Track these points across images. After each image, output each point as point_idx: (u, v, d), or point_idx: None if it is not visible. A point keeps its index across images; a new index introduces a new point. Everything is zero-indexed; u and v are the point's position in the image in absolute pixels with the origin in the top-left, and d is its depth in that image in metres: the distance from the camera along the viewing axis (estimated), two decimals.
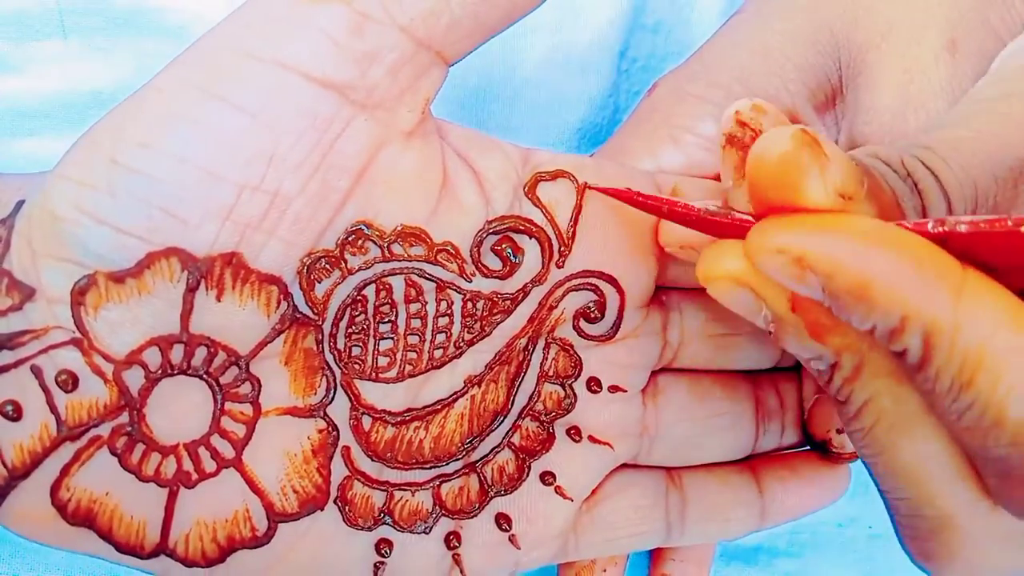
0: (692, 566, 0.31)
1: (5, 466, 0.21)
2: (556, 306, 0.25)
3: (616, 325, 0.26)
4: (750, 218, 0.20)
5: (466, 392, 0.25)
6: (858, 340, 0.19)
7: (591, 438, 0.26)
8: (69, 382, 0.21)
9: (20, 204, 0.22)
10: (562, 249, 0.24)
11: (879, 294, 0.17)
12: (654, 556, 0.32)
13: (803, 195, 0.18)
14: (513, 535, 0.26)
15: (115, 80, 0.29)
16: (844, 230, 0.18)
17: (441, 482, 0.25)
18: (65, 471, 0.21)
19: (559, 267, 0.25)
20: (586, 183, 0.25)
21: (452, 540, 0.25)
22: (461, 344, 0.24)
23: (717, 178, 0.28)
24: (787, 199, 0.18)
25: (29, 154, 0.29)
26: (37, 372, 0.21)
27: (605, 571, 0.29)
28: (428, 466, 0.25)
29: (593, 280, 0.25)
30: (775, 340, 0.21)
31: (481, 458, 0.25)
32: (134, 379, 0.21)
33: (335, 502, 0.24)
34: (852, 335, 0.19)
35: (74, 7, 0.29)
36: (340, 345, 0.23)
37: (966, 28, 0.25)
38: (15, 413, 0.21)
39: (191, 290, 0.21)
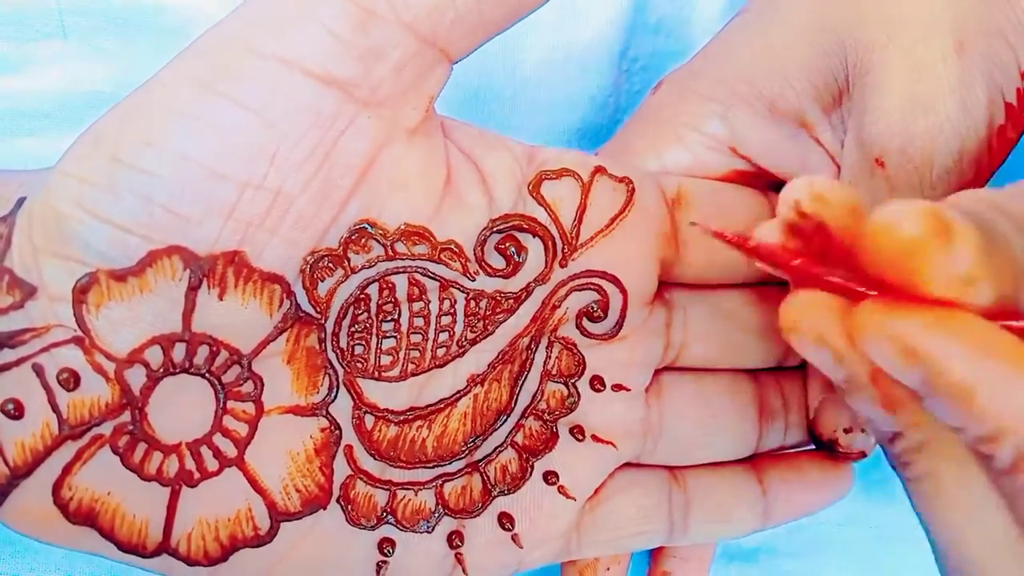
0: (693, 564, 0.31)
1: (7, 464, 0.21)
2: (559, 305, 0.25)
3: (619, 324, 0.26)
4: (858, 287, 0.19)
5: (469, 391, 0.25)
6: (930, 420, 0.19)
7: (594, 437, 0.26)
8: (71, 381, 0.21)
9: (21, 201, 0.22)
10: (566, 249, 0.24)
11: (981, 403, 0.17)
12: (655, 554, 0.32)
13: (926, 285, 0.17)
14: (516, 534, 0.26)
15: (115, 80, 0.29)
16: (960, 331, 0.17)
17: (444, 481, 0.25)
18: (67, 470, 0.21)
19: (563, 266, 0.25)
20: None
21: (455, 539, 0.25)
22: (464, 343, 0.24)
23: (722, 178, 0.28)
24: (906, 283, 0.18)
25: (29, 154, 0.29)
26: (39, 370, 0.21)
27: (608, 570, 0.29)
28: (431, 465, 0.25)
29: (596, 279, 0.25)
30: (843, 395, 0.21)
31: (484, 457, 0.25)
32: (136, 378, 0.21)
33: (338, 501, 0.24)
34: (925, 415, 0.19)
35: (74, 7, 0.29)
36: (343, 344, 0.23)
37: (972, 28, 0.25)
38: (16, 411, 0.21)
39: (193, 289, 0.21)
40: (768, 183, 0.29)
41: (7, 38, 0.29)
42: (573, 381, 0.26)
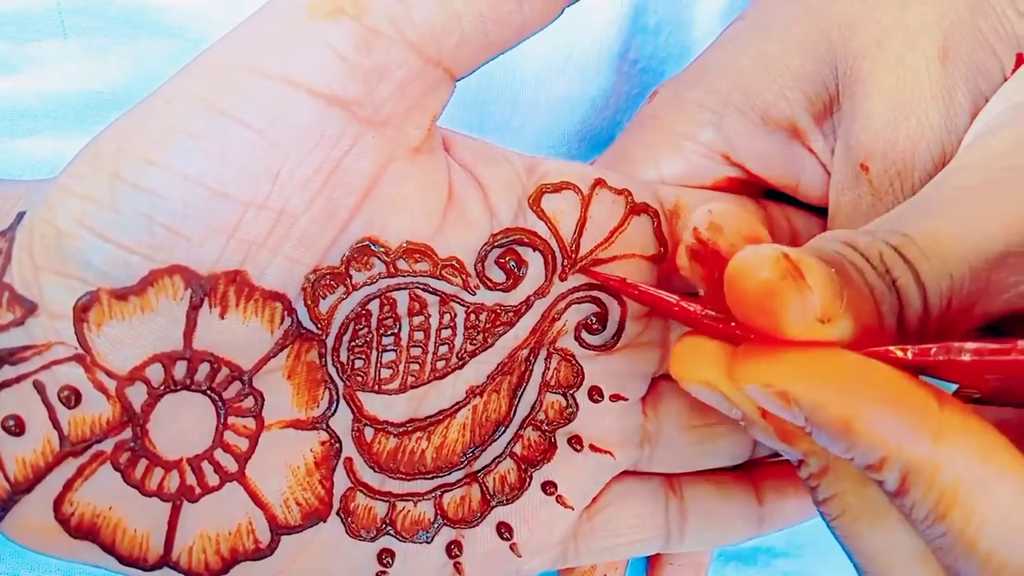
0: (689, 570, 0.32)
1: (8, 480, 0.21)
2: (559, 318, 0.25)
3: (617, 336, 0.26)
4: (723, 320, 0.20)
5: (468, 402, 0.25)
6: (825, 449, 0.20)
7: (592, 447, 0.26)
8: (72, 398, 0.21)
9: (21, 215, 0.22)
10: (566, 263, 0.24)
11: (860, 434, 0.18)
12: (651, 561, 0.32)
13: (783, 326, 0.18)
14: (514, 543, 0.26)
15: (115, 80, 0.29)
16: (828, 370, 0.18)
17: (443, 492, 0.25)
18: (68, 486, 0.21)
19: (562, 279, 0.25)
20: (590, 270, 0.25)
21: (453, 549, 0.25)
22: (464, 355, 0.24)
23: (715, 186, 0.28)
24: (766, 326, 0.19)
25: (29, 154, 0.29)
26: (39, 388, 0.21)
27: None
28: (430, 476, 0.25)
29: (595, 292, 0.25)
30: (745, 431, 0.22)
31: (483, 468, 0.25)
32: (137, 395, 0.21)
33: (338, 513, 0.24)
34: (819, 444, 0.20)
35: (74, 7, 0.29)
36: (343, 358, 0.23)
37: (957, 36, 0.25)
38: (17, 428, 0.21)
39: (194, 308, 0.21)
40: (761, 191, 0.29)
41: (7, 38, 0.28)
42: (571, 392, 0.26)
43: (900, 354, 0.18)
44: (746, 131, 0.28)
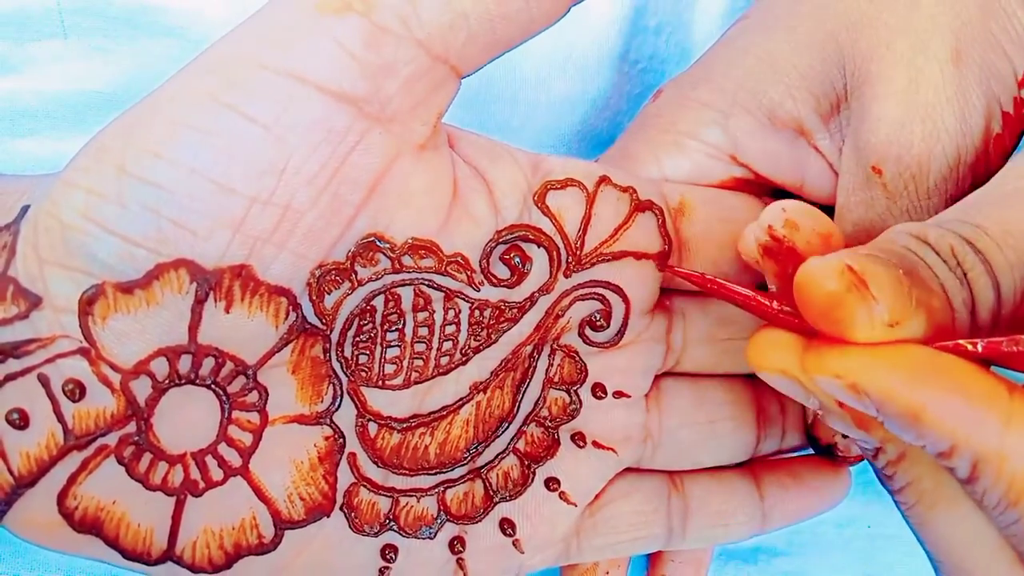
0: (690, 568, 0.32)
1: (12, 474, 0.21)
2: (563, 315, 0.25)
3: (621, 332, 0.26)
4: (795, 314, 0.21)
5: (472, 398, 0.25)
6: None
7: (595, 443, 0.26)
8: (76, 391, 0.21)
9: (25, 209, 0.22)
10: (570, 259, 0.25)
11: (929, 423, 0.18)
12: (653, 558, 0.32)
13: (852, 334, 0.19)
14: (517, 540, 0.26)
15: (115, 80, 0.29)
16: (897, 362, 0.19)
17: (446, 488, 0.25)
18: (72, 480, 0.21)
19: (567, 276, 0.25)
20: (670, 265, 0.26)
21: (456, 545, 0.25)
22: (467, 351, 0.24)
23: (721, 185, 0.29)
24: (836, 333, 0.19)
25: (29, 153, 0.29)
26: (44, 381, 0.21)
27: (608, 573, 0.29)
28: (433, 472, 0.25)
29: (599, 289, 0.25)
30: (823, 419, 0.22)
31: (486, 464, 0.25)
32: (141, 389, 0.21)
33: (341, 508, 0.24)
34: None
35: (74, 7, 0.29)
36: (347, 353, 0.23)
37: (969, 38, 0.25)
38: (22, 421, 0.21)
39: (199, 302, 0.21)
40: (767, 190, 0.29)
41: (7, 38, 0.28)
42: (575, 388, 0.26)
43: (970, 348, 0.19)
44: (752, 130, 0.28)
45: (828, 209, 0.28)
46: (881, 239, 0.21)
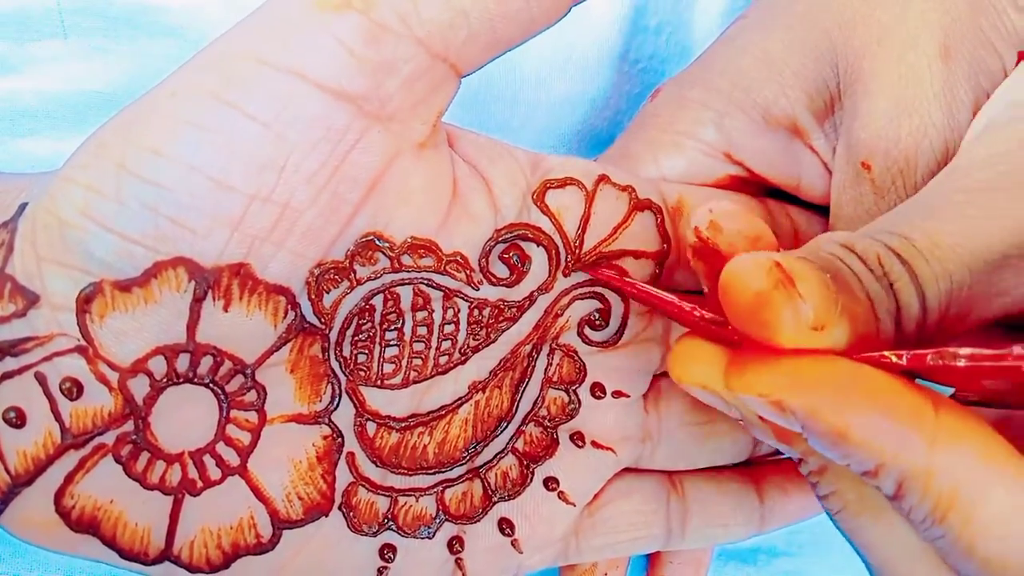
0: (690, 568, 0.32)
1: (8, 472, 0.21)
2: (562, 314, 0.25)
3: (620, 332, 0.26)
4: (720, 321, 0.21)
5: (470, 398, 0.25)
6: None
7: (594, 443, 0.26)
8: (73, 390, 0.21)
9: (23, 207, 0.22)
10: (569, 258, 0.24)
11: (855, 443, 0.18)
12: (652, 559, 0.32)
13: (776, 335, 0.18)
14: (515, 539, 0.26)
15: (115, 80, 0.29)
16: (822, 378, 0.18)
17: (445, 487, 0.25)
18: (69, 479, 0.21)
19: (566, 275, 0.25)
20: (590, 268, 0.25)
21: (455, 545, 0.25)
22: (466, 351, 0.24)
23: (717, 184, 0.29)
24: (760, 334, 0.19)
25: (29, 153, 0.29)
26: (41, 379, 0.21)
27: (607, 574, 0.29)
28: (432, 471, 0.25)
29: (598, 288, 0.25)
30: (744, 428, 0.22)
31: (485, 463, 0.25)
32: (139, 387, 0.21)
33: (340, 508, 0.24)
34: None
35: (74, 6, 0.29)
36: (346, 352, 0.23)
37: (959, 34, 0.25)
38: (18, 420, 0.21)
39: (198, 300, 0.21)
40: (763, 189, 0.29)
41: (7, 38, 0.28)
42: (574, 388, 0.26)
43: (895, 359, 0.19)
44: (747, 130, 0.28)
45: (825, 209, 0.28)
46: (809, 245, 0.21)
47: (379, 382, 0.24)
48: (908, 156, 0.25)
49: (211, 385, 0.22)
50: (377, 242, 0.22)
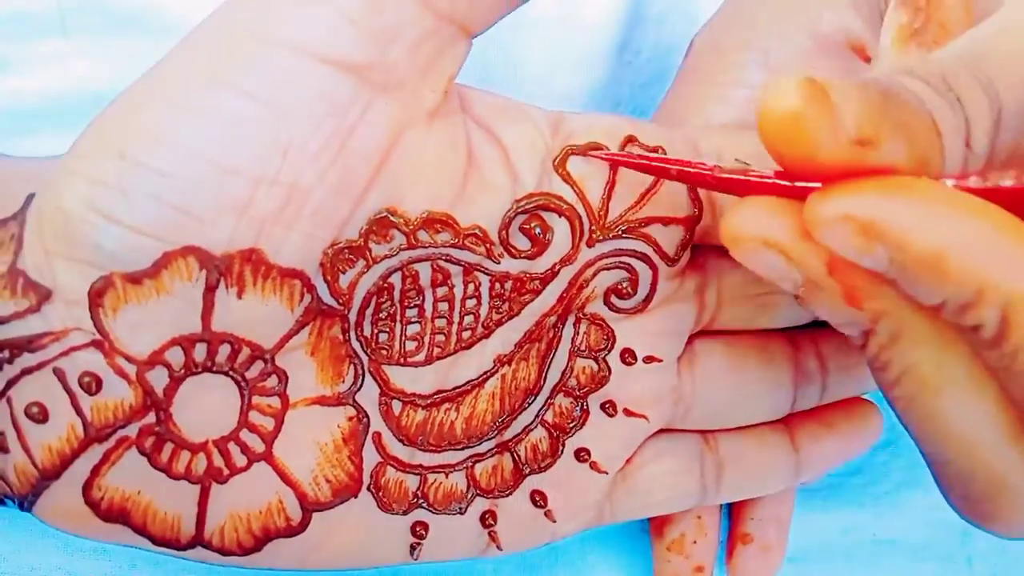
0: (771, 526, 0.31)
1: (36, 467, 0.21)
2: (587, 285, 0.24)
3: (648, 299, 0.25)
4: (770, 176, 0.18)
5: (496, 371, 0.24)
6: (898, 306, 0.18)
7: (626, 411, 0.26)
8: (92, 384, 0.21)
9: (31, 197, 0.21)
10: (593, 229, 0.23)
11: (955, 266, 0.16)
12: (734, 517, 0.32)
13: (815, 150, 0.17)
14: (549, 510, 0.25)
15: (116, 79, 0.28)
16: (916, 196, 0.16)
17: (474, 462, 0.25)
18: (95, 472, 0.21)
19: (590, 246, 0.24)
20: (587, 150, 0.23)
21: (488, 518, 0.25)
22: (490, 324, 0.24)
23: None
24: (801, 157, 0.17)
25: (29, 153, 0.29)
26: (60, 375, 0.21)
27: (695, 543, 0.29)
28: (460, 447, 0.24)
29: (625, 258, 0.24)
30: (803, 303, 0.19)
31: (514, 436, 0.25)
32: (158, 379, 0.21)
33: (368, 489, 0.23)
34: (892, 300, 0.18)
35: (75, 6, 0.28)
36: (367, 332, 0.23)
37: None
38: (41, 415, 0.21)
39: (211, 289, 0.20)
40: None
41: (7, 37, 0.28)
42: (603, 355, 0.25)
43: (970, 183, 0.17)
44: (797, 58, 0.26)
45: None
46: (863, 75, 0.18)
47: (402, 360, 0.23)
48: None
49: (231, 373, 0.21)
50: (391, 218, 0.21)
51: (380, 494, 0.24)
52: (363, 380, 0.23)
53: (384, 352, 0.23)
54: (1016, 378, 0.17)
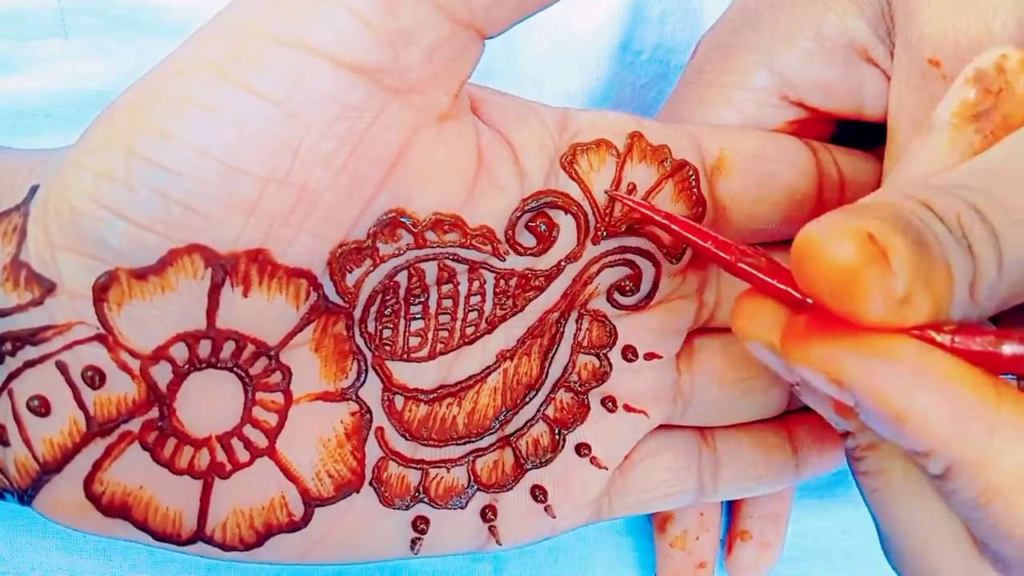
0: (770, 523, 0.32)
1: (36, 460, 0.21)
2: (591, 281, 0.24)
3: (651, 295, 0.25)
4: (785, 285, 0.19)
5: (498, 366, 0.24)
6: None
7: (627, 407, 0.26)
8: (95, 378, 0.20)
9: (34, 189, 0.21)
10: (598, 226, 0.23)
11: (912, 428, 0.17)
12: (733, 515, 0.32)
13: (864, 312, 0.17)
14: (548, 505, 0.26)
15: (116, 79, 0.28)
16: (885, 359, 0.17)
17: (475, 457, 0.25)
18: (97, 466, 0.21)
19: (595, 243, 0.24)
20: (613, 193, 0.24)
21: (488, 513, 0.25)
22: (493, 320, 0.24)
23: (777, 131, 0.27)
24: (841, 311, 0.17)
25: None
26: (63, 368, 0.20)
27: (698, 539, 0.29)
28: (462, 442, 0.24)
29: (629, 255, 0.24)
30: (797, 393, 0.21)
31: (515, 431, 0.25)
32: (162, 374, 0.21)
33: (371, 483, 0.23)
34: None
35: (75, 6, 0.28)
36: (371, 328, 0.23)
37: None
38: (43, 408, 0.21)
39: (216, 287, 0.20)
40: (823, 130, 0.28)
41: (7, 37, 0.28)
42: (604, 352, 0.25)
43: (940, 339, 0.17)
44: (800, 62, 0.26)
45: (874, 151, 0.27)
46: (885, 199, 0.18)
47: (405, 356, 0.23)
48: (981, 42, 0.23)
49: (235, 369, 0.21)
50: (401, 219, 0.21)
51: (382, 489, 0.24)
52: (366, 376, 0.23)
53: (388, 348, 0.23)
54: (957, 507, 0.19)
